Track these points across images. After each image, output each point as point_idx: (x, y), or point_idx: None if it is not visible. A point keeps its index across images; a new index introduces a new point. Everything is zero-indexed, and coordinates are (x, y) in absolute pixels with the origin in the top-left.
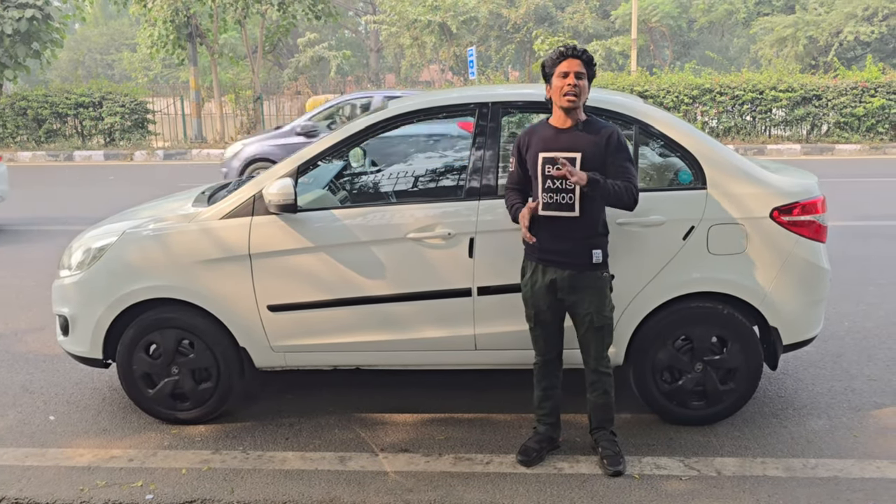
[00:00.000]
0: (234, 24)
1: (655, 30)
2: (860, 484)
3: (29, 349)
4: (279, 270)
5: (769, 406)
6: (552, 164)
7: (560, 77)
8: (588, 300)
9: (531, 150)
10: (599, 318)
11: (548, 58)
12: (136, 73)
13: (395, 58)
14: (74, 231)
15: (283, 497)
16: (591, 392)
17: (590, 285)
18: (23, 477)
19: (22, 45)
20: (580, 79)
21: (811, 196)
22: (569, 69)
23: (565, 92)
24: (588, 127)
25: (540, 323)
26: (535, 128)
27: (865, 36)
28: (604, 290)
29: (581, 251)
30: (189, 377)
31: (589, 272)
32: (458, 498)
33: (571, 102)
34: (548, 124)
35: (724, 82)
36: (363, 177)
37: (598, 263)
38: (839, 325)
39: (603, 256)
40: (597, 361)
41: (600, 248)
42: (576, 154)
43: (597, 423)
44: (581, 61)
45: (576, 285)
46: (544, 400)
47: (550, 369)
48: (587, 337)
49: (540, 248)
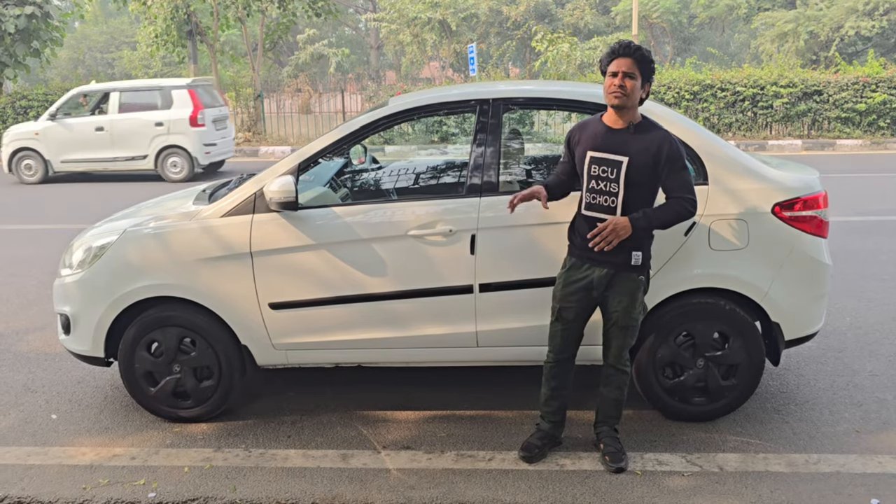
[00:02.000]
0: (235, 22)
1: (656, 26)
2: (862, 479)
3: (31, 348)
4: (280, 268)
5: (771, 401)
6: (598, 164)
7: (610, 76)
8: (618, 299)
9: (580, 146)
10: (625, 319)
11: (603, 55)
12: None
13: (396, 55)
14: (75, 230)
15: (285, 495)
16: (605, 387)
17: (624, 285)
18: (25, 476)
19: (22, 44)
20: (631, 79)
21: (813, 191)
22: (617, 69)
23: (611, 91)
24: (639, 130)
25: (561, 318)
26: (588, 123)
27: (866, 31)
28: (636, 293)
29: (620, 251)
30: (191, 375)
31: (625, 272)
32: (461, 495)
33: (618, 99)
34: (601, 121)
35: (725, 78)
36: (364, 174)
37: (637, 266)
38: (841, 320)
39: (643, 259)
40: (615, 358)
41: (641, 250)
42: (623, 158)
43: (602, 418)
44: (633, 59)
45: (611, 283)
46: (552, 399)
47: (562, 369)
48: (611, 333)
49: (581, 246)
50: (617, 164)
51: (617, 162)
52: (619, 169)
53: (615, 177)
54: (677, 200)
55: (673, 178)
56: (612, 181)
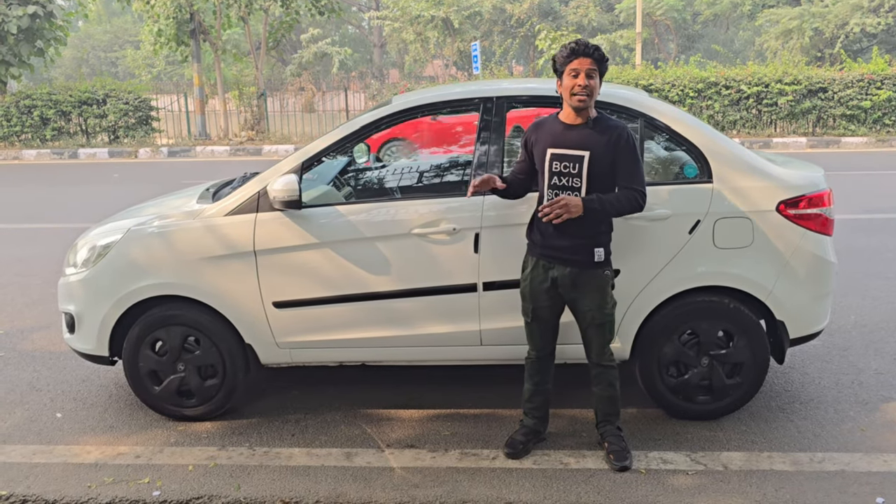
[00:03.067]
0: (238, 21)
1: (660, 23)
2: (867, 478)
3: (35, 347)
4: (284, 267)
5: (776, 400)
6: (559, 160)
7: (570, 76)
8: (589, 297)
9: (539, 144)
10: (601, 316)
11: (559, 54)
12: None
13: (399, 53)
14: (80, 229)
15: (289, 493)
16: (596, 385)
17: (591, 283)
18: (30, 474)
19: (26, 44)
20: (591, 77)
21: (817, 189)
22: (579, 67)
23: (575, 92)
24: (598, 125)
25: (537, 318)
26: (544, 122)
27: (872, 28)
28: (605, 288)
29: (583, 249)
30: (195, 374)
31: (590, 270)
32: (465, 493)
33: (582, 102)
34: (557, 119)
35: (730, 75)
36: (368, 172)
37: (601, 262)
38: (846, 318)
39: (605, 255)
40: (599, 356)
41: (602, 246)
42: (584, 153)
43: (602, 417)
44: (592, 59)
45: (577, 283)
46: (535, 395)
47: (543, 365)
48: (589, 333)
49: (542, 244)
50: (579, 159)
51: (578, 157)
52: (581, 163)
53: (577, 171)
54: (629, 191)
55: (625, 169)
56: (575, 176)
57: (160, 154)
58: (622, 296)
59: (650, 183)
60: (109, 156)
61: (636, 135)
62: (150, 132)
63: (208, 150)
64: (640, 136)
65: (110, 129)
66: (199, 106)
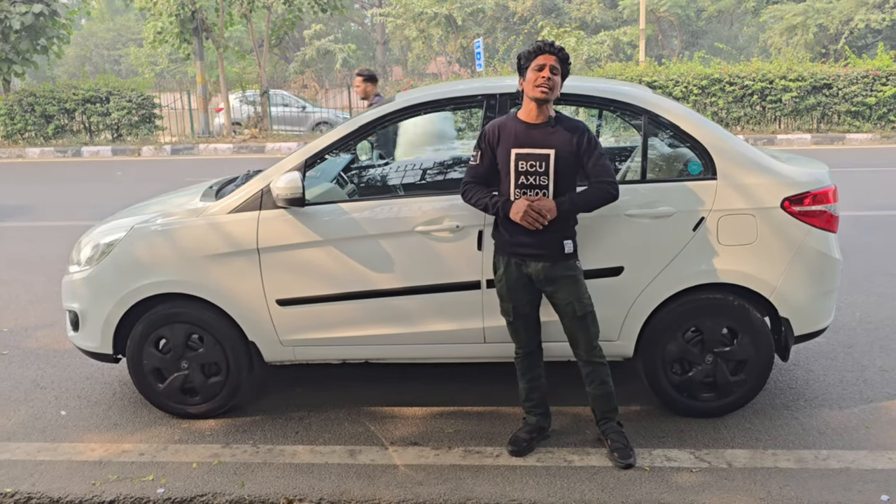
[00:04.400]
0: (240, 18)
1: (664, 19)
2: (872, 475)
3: (40, 345)
4: (287, 264)
5: (780, 397)
6: (525, 160)
7: (535, 70)
8: (566, 289)
9: (502, 145)
10: (581, 307)
11: (524, 51)
12: (142, 68)
13: (402, 50)
14: (83, 227)
15: (293, 491)
16: (590, 385)
17: (565, 275)
18: (35, 471)
19: (29, 41)
20: (554, 74)
21: (822, 186)
22: (545, 62)
23: (538, 83)
24: (560, 124)
25: (519, 316)
26: (504, 122)
27: (876, 23)
28: (578, 277)
29: (553, 243)
30: (199, 372)
31: (562, 262)
32: (468, 491)
33: (544, 94)
34: (517, 119)
35: (734, 72)
36: (371, 170)
37: (570, 253)
38: (851, 315)
39: (573, 246)
40: (588, 352)
41: (570, 238)
42: (549, 150)
43: (601, 415)
44: (557, 58)
45: (551, 276)
46: (531, 392)
47: (533, 360)
48: (573, 327)
49: (511, 243)
50: (544, 158)
51: (544, 155)
52: (547, 161)
53: (544, 169)
54: (600, 185)
55: (594, 164)
56: (542, 174)
57: (163, 152)
58: (626, 293)
59: (654, 180)
60: (113, 154)
61: (639, 131)
62: (153, 130)
63: (211, 148)
64: (644, 133)
65: (113, 126)
66: (201, 104)
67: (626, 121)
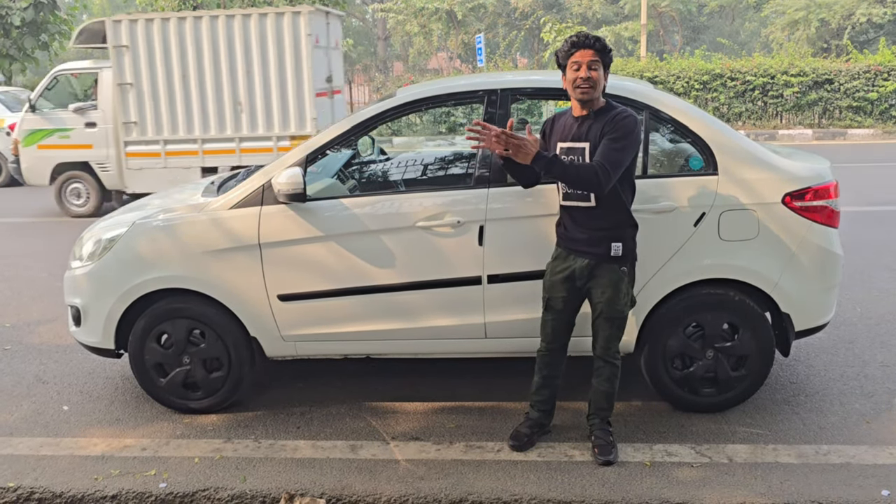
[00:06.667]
0: None
1: (665, 15)
2: (873, 470)
3: (42, 340)
4: (289, 260)
5: (781, 393)
6: (567, 153)
7: (573, 69)
8: (601, 289)
9: (553, 137)
10: (610, 310)
11: (560, 48)
12: None
13: (403, 46)
14: (86, 222)
15: (295, 485)
16: (596, 378)
17: (605, 276)
18: (38, 466)
19: (30, 37)
20: (594, 69)
21: (823, 181)
22: (581, 60)
23: (577, 85)
24: (599, 114)
25: (550, 308)
26: (560, 115)
27: (878, 18)
28: (619, 284)
29: (600, 242)
30: (200, 367)
31: (606, 264)
32: (469, 485)
33: (585, 94)
34: (570, 112)
35: (735, 67)
36: (372, 165)
37: (617, 257)
38: (852, 311)
39: (623, 250)
40: (604, 350)
41: (622, 241)
42: (584, 144)
43: (593, 410)
44: (594, 50)
45: (593, 274)
46: (543, 387)
47: (554, 359)
48: (598, 325)
49: (566, 237)
50: (581, 151)
51: (580, 149)
52: (583, 155)
53: (582, 163)
54: (592, 165)
55: (601, 147)
56: None
57: None
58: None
59: (655, 175)
60: None
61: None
62: None
63: None
64: (646, 128)
65: None
66: None
67: None
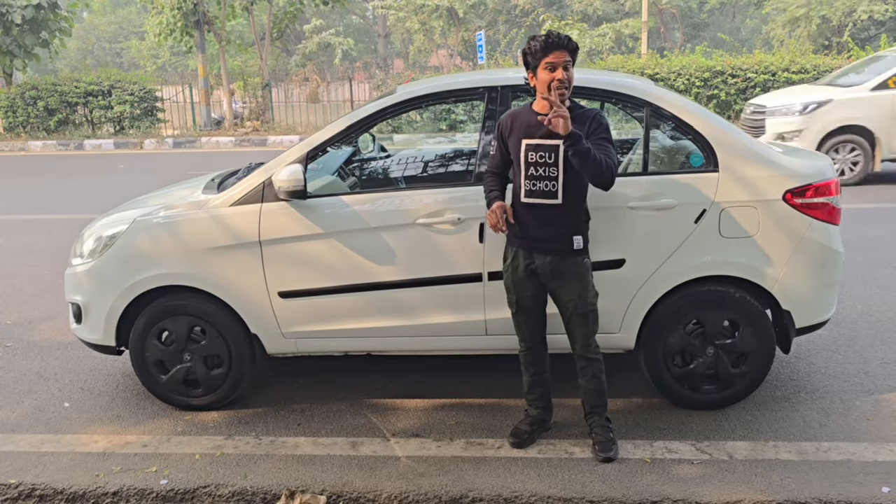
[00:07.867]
0: (242, 11)
1: (666, 12)
2: (873, 467)
3: (43, 337)
4: (289, 257)
5: (781, 390)
6: (535, 151)
7: (546, 70)
8: (570, 286)
9: (513, 135)
10: (582, 305)
11: (530, 47)
12: (144, 61)
13: (404, 43)
14: (86, 219)
15: (295, 482)
16: (582, 377)
17: (571, 271)
18: (39, 463)
19: (30, 35)
20: (567, 70)
21: (824, 178)
22: (556, 61)
23: (556, 87)
24: (572, 114)
25: (522, 309)
26: (518, 112)
27: (879, 15)
28: (585, 276)
29: (562, 237)
30: (201, 364)
31: (570, 258)
32: (470, 482)
33: (563, 97)
34: (531, 109)
35: (736, 64)
36: (372, 162)
37: (579, 250)
38: (852, 308)
39: (584, 243)
40: (583, 348)
41: (581, 234)
42: (558, 141)
43: (590, 409)
44: (568, 51)
45: (557, 271)
46: (534, 385)
47: (536, 355)
48: (572, 324)
49: (521, 235)
50: (554, 149)
51: (554, 146)
52: (557, 152)
53: (553, 161)
54: (610, 160)
55: (596, 144)
56: (551, 165)
57: (165, 145)
58: (627, 285)
59: (656, 172)
60: (115, 147)
61: (641, 123)
62: (155, 123)
63: (213, 141)
64: (646, 125)
65: (116, 120)
66: (203, 97)
67: (627, 113)
